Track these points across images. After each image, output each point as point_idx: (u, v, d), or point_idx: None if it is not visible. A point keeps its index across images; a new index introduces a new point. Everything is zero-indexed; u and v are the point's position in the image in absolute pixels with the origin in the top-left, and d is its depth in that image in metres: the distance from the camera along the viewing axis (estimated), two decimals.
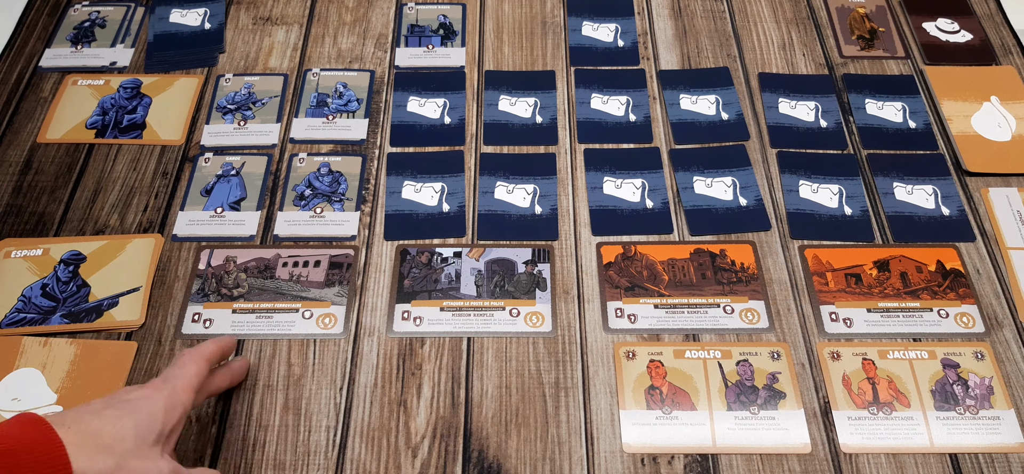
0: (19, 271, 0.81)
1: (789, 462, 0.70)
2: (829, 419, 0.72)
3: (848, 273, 0.82)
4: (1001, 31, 1.06)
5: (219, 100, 0.97)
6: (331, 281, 0.81)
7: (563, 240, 0.84)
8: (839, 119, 0.95)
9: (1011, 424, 0.72)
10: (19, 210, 0.87)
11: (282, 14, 1.07)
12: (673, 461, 0.70)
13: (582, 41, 1.04)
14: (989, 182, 0.90)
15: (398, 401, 0.73)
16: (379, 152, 0.92)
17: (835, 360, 0.76)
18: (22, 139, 0.93)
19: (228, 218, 0.86)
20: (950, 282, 0.81)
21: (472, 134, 0.94)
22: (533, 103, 0.97)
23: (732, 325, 0.78)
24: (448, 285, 0.81)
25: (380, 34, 1.05)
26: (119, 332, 0.77)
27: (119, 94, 0.97)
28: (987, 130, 0.94)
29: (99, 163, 0.91)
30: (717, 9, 1.07)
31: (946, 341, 0.77)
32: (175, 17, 1.06)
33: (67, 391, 0.73)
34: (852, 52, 1.03)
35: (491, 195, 0.88)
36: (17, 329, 0.77)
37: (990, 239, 0.85)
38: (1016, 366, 0.75)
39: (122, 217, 0.86)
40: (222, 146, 0.92)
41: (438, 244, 0.84)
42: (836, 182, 0.89)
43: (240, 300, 0.79)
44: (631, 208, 0.87)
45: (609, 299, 0.80)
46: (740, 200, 0.88)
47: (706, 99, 0.97)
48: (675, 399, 0.73)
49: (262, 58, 1.02)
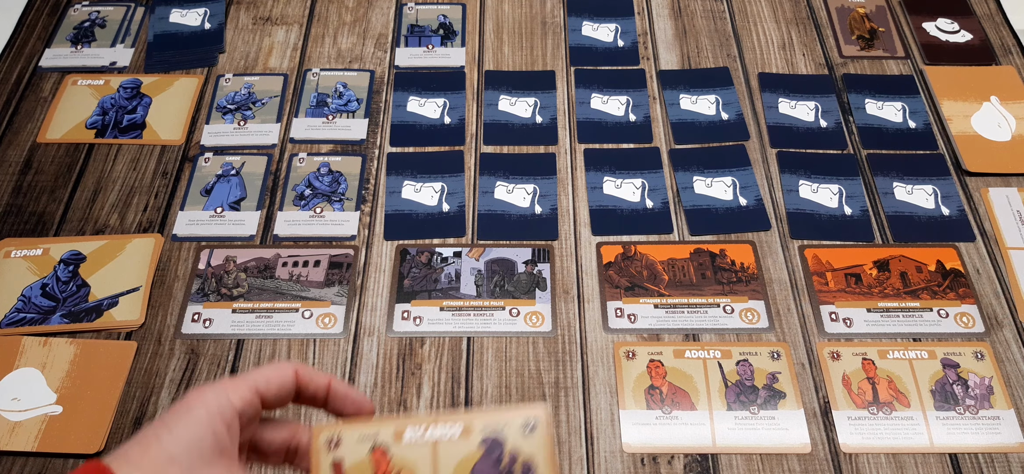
0: (19, 271, 0.81)
1: (789, 462, 0.70)
2: (829, 419, 0.72)
3: (848, 273, 0.82)
4: (1001, 31, 1.06)
5: (219, 100, 0.97)
6: (331, 281, 0.81)
7: (563, 240, 0.84)
8: (839, 119, 0.95)
9: (1011, 424, 0.72)
10: (19, 210, 0.87)
11: (282, 14, 1.07)
12: (673, 461, 0.70)
13: (582, 41, 1.04)
14: (989, 182, 0.90)
15: (398, 401, 0.73)
16: (379, 152, 0.92)
17: (835, 360, 0.76)
18: (22, 139, 0.93)
19: (228, 218, 0.86)
20: (950, 282, 0.81)
21: (472, 134, 0.94)
22: (533, 103, 0.97)
23: (732, 325, 0.78)
24: (448, 285, 0.81)
25: (380, 34, 1.05)
26: (119, 332, 0.77)
27: (119, 94, 0.97)
28: (987, 130, 0.94)
29: (99, 163, 0.91)
30: (717, 9, 1.07)
31: (946, 341, 0.77)
32: (175, 17, 1.06)
33: (67, 391, 0.73)
34: (852, 52, 1.03)
35: (491, 195, 0.88)
36: (17, 329, 0.77)
37: (990, 239, 0.85)
38: (1016, 366, 0.75)
39: (122, 217, 0.86)
40: (222, 146, 0.92)
41: (438, 244, 0.84)
42: (836, 182, 0.89)
43: (240, 300, 0.79)
44: (631, 208, 0.87)
45: (609, 299, 0.80)
46: (740, 200, 0.88)
47: (706, 99, 0.97)
48: (675, 399, 0.73)
49: (262, 58, 1.02)
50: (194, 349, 0.76)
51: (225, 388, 0.49)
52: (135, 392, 0.73)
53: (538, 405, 0.51)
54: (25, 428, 0.70)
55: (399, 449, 0.52)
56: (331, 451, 0.52)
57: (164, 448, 0.46)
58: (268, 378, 0.51)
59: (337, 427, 0.52)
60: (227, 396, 0.49)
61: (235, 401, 0.49)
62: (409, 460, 0.52)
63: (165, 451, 0.46)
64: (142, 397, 0.73)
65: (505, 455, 0.51)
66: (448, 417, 0.53)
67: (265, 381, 0.50)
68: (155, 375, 0.74)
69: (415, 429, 0.52)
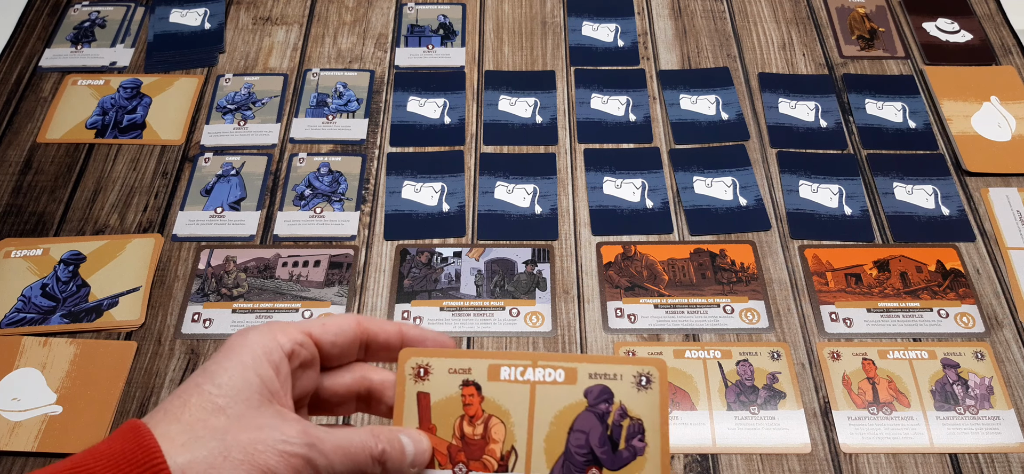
0: (19, 271, 0.81)
1: (789, 462, 0.70)
2: (829, 419, 0.72)
3: (848, 273, 0.82)
4: (1001, 31, 1.06)
5: (219, 100, 0.97)
6: (331, 281, 0.81)
7: (563, 240, 0.84)
8: (839, 119, 0.95)
9: (1011, 424, 0.72)
10: (19, 210, 0.87)
11: (282, 14, 1.07)
12: (673, 461, 0.70)
13: (582, 41, 1.04)
14: (989, 182, 0.90)
15: None
16: (379, 152, 0.92)
17: (835, 360, 0.76)
18: (22, 139, 0.93)
19: (228, 218, 0.86)
20: (950, 282, 0.81)
21: (472, 134, 0.94)
22: (533, 103, 0.97)
23: (732, 325, 0.78)
24: (448, 285, 0.81)
25: (380, 34, 1.05)
26: (119, 332, 0.77)
27: (119, 94, 0.97)
28: (987, 130, 0.94)
29: (99, 163, 0.91)
30: (717, 9, 1.07)
31: (946, 341, 0.77)
32: (175, 17, 1.06)
33: (67, 391, 0.73)
34: (852, 52, 1.03)
35: (491, 195, 0.88)
36: (17, 329, 0.77)
37: (990, 239, 0.85)
38: (1016, 366, 0.75)
39: (122, 217, 0.86)
40: (222, 146, 0.92)
41: (438, 244, 0.84)
42: (836, 182, 0.89)
43: (240, 300, 0.79)
44: (631, 208, 0.87)
45: (609, 299, 0.80)
46: (740, 200, 0.88)
47: (706, 99, 0.97)
48: (675, 399, 0.73)
49: (262, 58, 1.02)
50: (194, 349, 0.76)
51: (272, 329, 0.44)
52: (135, 392, 0.73)
53: (658, 360, 0.46)
54: (25, 428, 0.70)
55: (493, 389, 0.47)
56: (419, 382, 0.47)
57: (207, 398, 0.41)
58: (324, 323, 0.46)
59: (427, 354, 0.47)
60: (275, 337, 0.44)
61: (283, 342, 0.44)
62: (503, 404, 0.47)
63: (209, 400, 0.41)
64: (142, 397, 0.73)
65: (612, 410, 0.46)
66: (554, 358, 0.47)
67: (321, 326, 0.46)
68: (155, 375, 0.74)
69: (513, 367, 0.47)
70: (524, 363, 0.47)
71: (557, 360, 0.47)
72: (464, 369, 0.47)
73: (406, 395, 0.47)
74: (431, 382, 0.47)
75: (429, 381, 0.47)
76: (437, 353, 0.47)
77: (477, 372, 0.47)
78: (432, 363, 0.47)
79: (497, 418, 0.47)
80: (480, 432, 0.46)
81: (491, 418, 0.47)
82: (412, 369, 0.47)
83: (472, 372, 0.47)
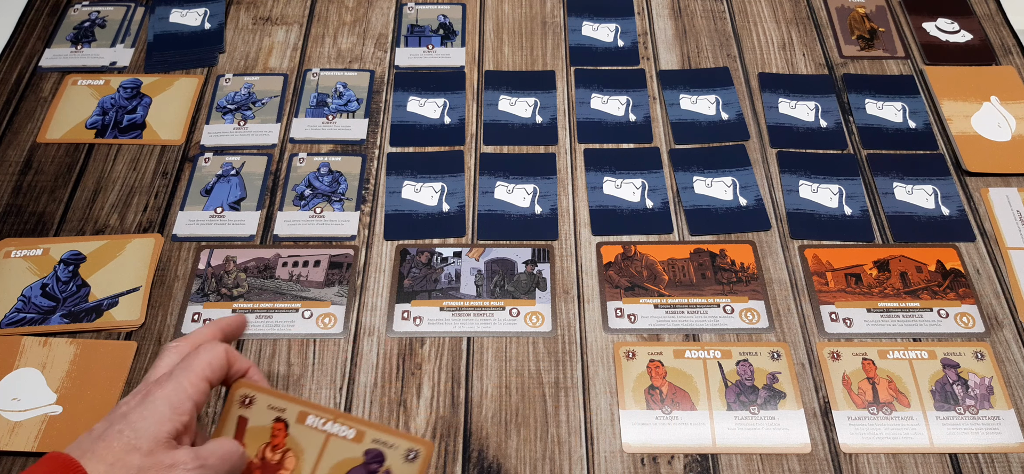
0: (19, 271, 0.81)
1: (789, 462, 0.70)
2: (829, 419, 0.72)
3: (848, 273, 0.82)
4: (1001, 31, 1.06)
5: (219, 100, 0.97)
6: (331, 281, 0.81)
7: (563, 240, 0.84)
8: (839, 119, 0.95)
9: (1011, 424, 0.72)
10: (19, 210, 0.87)
11: (282, 14, 1.07)
12: (673, 461, 0.70)
13: (582, 41, 1.04)
14: (989, 182, 0.90)
15: (398, 401, 0.73)
16: (379, 152, 0.92)
17: (835, 360, 0.76)
18: (22, 139, 0.93)
19: (228, 218, 0.86)
20: (950, 282, 0.81)
21: (472, 134, 0.94)
22: (533, 103, 0.97)
23: (732, 325, 0.78)
24: (448, 285, 0.81)
25: (380, 34, 1.05)
26: (119, 332, 0.77)
27: (119, 94, 0.97)
28: (987, 130, 0.94)
29: (99, 163, 0.91)
30: (717, 9, 1.07)
31: (946, 341, 0.77)
32: (175, 17, 1.06)
33: (67, 391, 0.73)
34: (852, 52, 1.03)
35: (491, 195, 0.88)
36: (17, 329, 0.77)
37: (990, 239, 0.85)
38: (1016, 366, 0.75)
39: (122, 217, 0.86)
40: (222, 146, 0.92)
41: (438, 244, 0.84)
42: (836, 182, 0.89)
43: (240, 300, 0.79)
44: (631, 208, 0.87)
45: (609, 299, 0.80)
46: (740, 200, 0.88)
47: (706, 99, 0.97)
48: (675, 399, 0.73)
49: (262, 58, 1.02)
50: None
51: (182, 385, 0.56)
52: None
53: (427, 442, 0.58)
54: (25, 428, 0.70)
55: (297, 430, 0.58)
56: (242, 408, 0.59)
57: (127, 441, 0.53)
58: (211, 365, 0.57)
59: (256, 390, 0.59)
60: (185, 392, 0.56)
61: (194, 395, 0.56)
62: (301, 442, 0.58)
63: (128, 442, 0.53)
64: None
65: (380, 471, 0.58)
66: (349, 419, 0.59)
67: (210, 369, 0.57)
68: None
69: (318, 418, 0.59)
70: (327, 417, 0.59)
71: (352, 422, 0.59)
72: (280, 408, 0.59)
73: (230, 415, 0.59)
74: (252, 411, 0.59)
75: (251, 410, 0.59)
76: (263, 391, 0.59)
77: (289, 413, 0.59)
78: (257, 397, 0.59)
79: (293, 453, 0.58)
80: (277, 459, 0.58)
81: (288, 451, 0.58)
82: (240, 396, 0.59)
83: (286, 412, 0.59)
